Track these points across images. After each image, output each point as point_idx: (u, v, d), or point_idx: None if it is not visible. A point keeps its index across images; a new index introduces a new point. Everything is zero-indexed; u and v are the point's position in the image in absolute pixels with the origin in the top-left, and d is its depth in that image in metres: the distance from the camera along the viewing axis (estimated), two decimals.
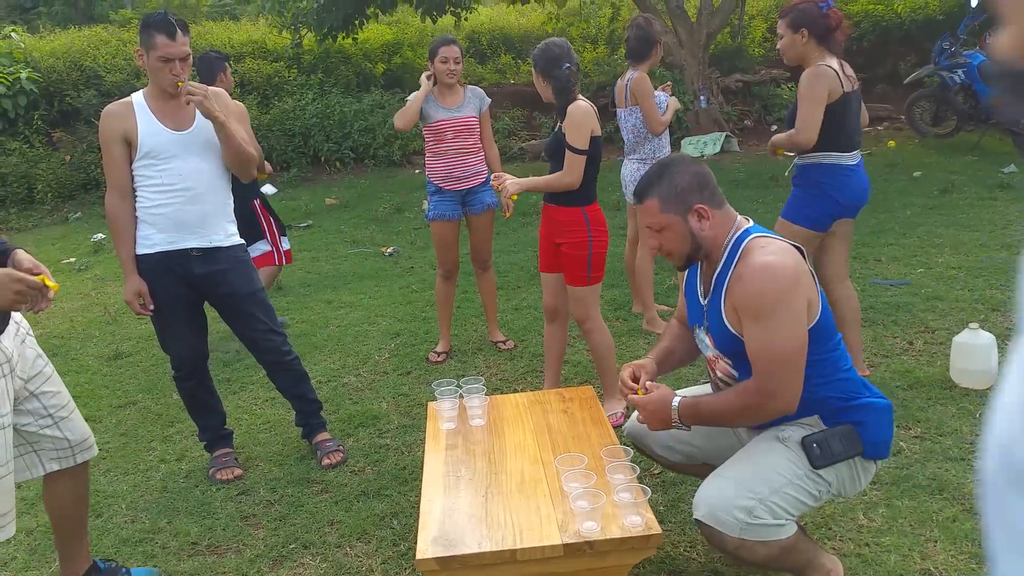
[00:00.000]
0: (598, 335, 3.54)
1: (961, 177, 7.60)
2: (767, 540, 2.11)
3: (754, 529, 2.09)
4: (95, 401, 4.28)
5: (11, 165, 10.01)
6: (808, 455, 2.15)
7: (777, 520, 2.11)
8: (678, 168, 2.23)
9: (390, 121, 10.88)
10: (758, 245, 2.14)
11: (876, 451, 2.23)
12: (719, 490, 2.14)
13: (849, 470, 2.20)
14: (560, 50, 3.37)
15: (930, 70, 9.21)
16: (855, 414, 2.20)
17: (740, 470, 2.18)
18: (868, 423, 2.20)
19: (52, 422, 2.41)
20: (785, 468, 2.15)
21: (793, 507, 2.15)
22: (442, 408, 2.77)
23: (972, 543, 2.54)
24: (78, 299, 6.28)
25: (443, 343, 4.55)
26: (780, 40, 3.55)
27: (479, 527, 2.12)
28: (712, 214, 2.19)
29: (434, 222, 4.36)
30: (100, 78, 11.08)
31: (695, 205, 2.18)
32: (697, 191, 2.19)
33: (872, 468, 2.28)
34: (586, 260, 3.41)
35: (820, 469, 2.15)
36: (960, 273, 5.04)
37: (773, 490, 2.12)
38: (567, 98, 3.37)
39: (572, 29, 13.56)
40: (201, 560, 2.84)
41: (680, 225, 2.20)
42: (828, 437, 2.16)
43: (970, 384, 3.57)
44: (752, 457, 2.21)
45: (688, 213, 2.19)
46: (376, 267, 6.52)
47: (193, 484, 3.36)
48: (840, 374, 2.22)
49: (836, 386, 2.21)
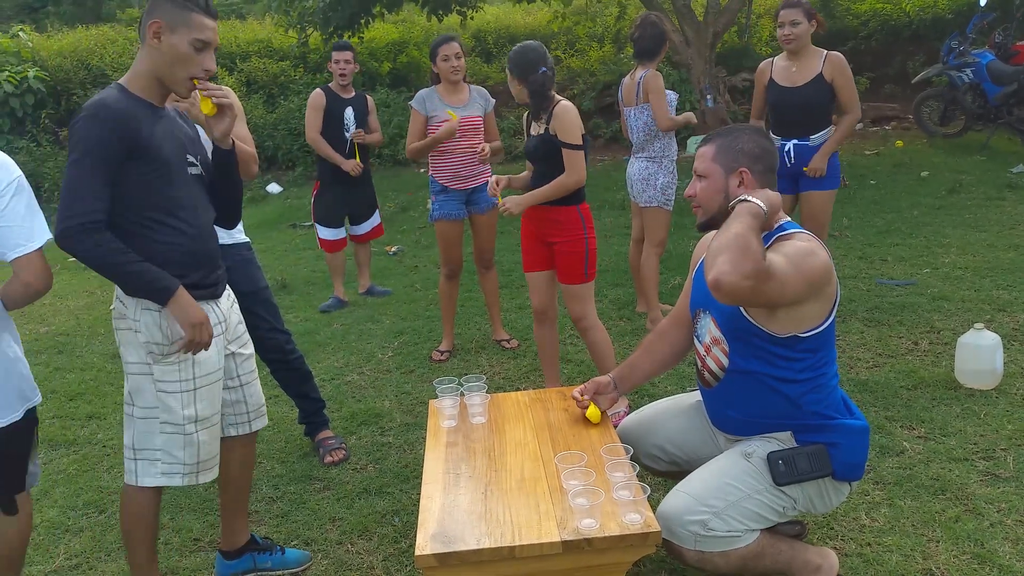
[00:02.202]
0: (596, 332, 3.53)
1: (969, 177, 7.57)
2: (724, 551, 2.13)
3: (708, 541, 2.12)
4: (100, 398, 4.30)
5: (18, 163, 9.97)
6: (772, 471, 2.17)
7: (732, 532, 2.12)
8: (750, 134, 2.27)
9: (395, 120, 10.92)
10: (804, 234, 2.17)
11: (849, 472, 2.23)
12: (675, 504, 2.17)
13: (817, 488, 2.21)
14: (535, 54, 3.37)
15: (938, 69, 9.17)
16: (830, 434, 2.21)
17: (698, 485, 2.20)
18: (842, 444, 2.20)
19: (239, 384, 2.56)
20: (744, 482, 2.16)
21: (752, 519, 2.16)
22: (443, 406, 2.77)
23: (974, 544, 2.54)
24: (84, 297, 6.31)
25: (446, 341, 4.55)
26: (795, 27, 4.03)
27: (478, 524, 2.12)
28: (752, 185, 2.21)
29: (438, 221, 4.36)
30: (107, 77, 11.14)
31: (741, 168, 2.22)
32: (750, 159, 2.22)
33: (845, 489, 2.28)
34: (583, 258, 3.41)
35: (783, 486, 2.16)
36: (967, 273, 5.02)
37: (729, 503, 2.14)
38: (544, 101, 3.37)
39: (578, 28, 13.54)
40: (204, 556, 2.85)
41: (720, 180, 2.24)
42: (795, 455, 2.17)
43: (975, 385, 3.55)
44: (712, 471, 2.23)
45: (731, 173, 2.23)
46: (380, 266, 6.53)
47: None
48: (827, 389, 2.23)
49: (820, 399, 2.21)
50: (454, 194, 4.33)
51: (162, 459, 2.29)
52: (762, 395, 2.23)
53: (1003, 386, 3.55)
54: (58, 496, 3.32)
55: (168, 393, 2.25)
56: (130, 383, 2.30)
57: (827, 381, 2.23)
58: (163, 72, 2.19)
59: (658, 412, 2.64)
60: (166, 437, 2.28)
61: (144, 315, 2.21)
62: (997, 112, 8.76)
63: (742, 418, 2.30)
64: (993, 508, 2.71)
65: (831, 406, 2.24)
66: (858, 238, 6.03)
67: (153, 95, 2.22)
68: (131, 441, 2.32)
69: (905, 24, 11.49)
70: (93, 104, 2.12)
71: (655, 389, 3.83)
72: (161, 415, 2.27)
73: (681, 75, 10.63)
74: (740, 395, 2.27)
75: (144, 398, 2.28)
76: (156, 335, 2.22)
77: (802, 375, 2.18)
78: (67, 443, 3.79)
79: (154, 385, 2.25)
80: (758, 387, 2.22)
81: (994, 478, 2.89)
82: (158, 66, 2.18)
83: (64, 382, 4.56)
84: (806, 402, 2.20)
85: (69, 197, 2.06)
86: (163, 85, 2.22)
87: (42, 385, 4.47)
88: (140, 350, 2.24)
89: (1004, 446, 3.09)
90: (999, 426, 3.24)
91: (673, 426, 2.55)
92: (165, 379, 2.25)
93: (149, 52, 2.18)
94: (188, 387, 2.28)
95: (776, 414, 2.23)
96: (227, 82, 11.14)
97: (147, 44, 2.17)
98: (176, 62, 2.16)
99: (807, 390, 2.20)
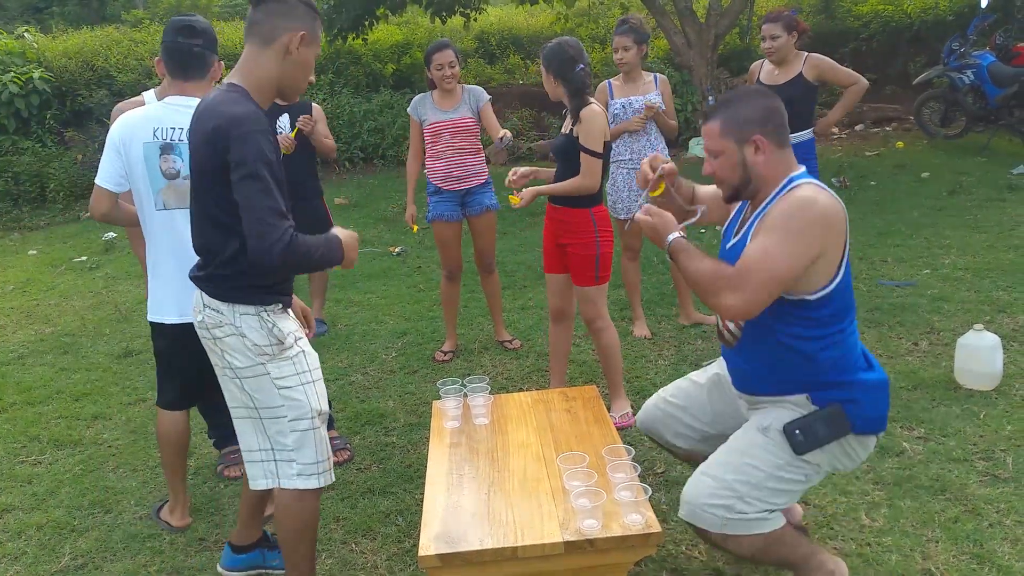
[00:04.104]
0: (607, 334, 3.55)
1: (969, 178, 7.57)
2: (750, 534, 2.15)
3: (735, 524, 2.14)
4: (105, 398, 4.33)
5: (24, 164, 10.09)
6: (791, 442, 2.16)
7: (759, 514, 2.14)
8: (751, 99, 2.21)
9: (399, 121, 10.94)
10: (809, 185, 2.13)
11: (871, 426, 2.21)
12: (698, 488, 2.18)
13: (841, 448, 2.20)
14: (574, 51, 3.34)
15: (939, 71, 9.17)
16: (849, 391, 2.18)
17: (719, 467, 2.20)
18: (861, 400, 2.18)
19: None
20: (764, 460, 2.17)
21: (777, 497, 2.17)
22: (446, 407, 2.79)
23: (973, 544, 2.56)
24: (89, 297, 6.34)
25: (449, 342, 4.58)
26: (775, 40, 4.33)
27: (481, 524, 2.14)
28: (769, 149, 2.16)
29: (434, 222, 4.39)
30: (112, 78, 11.16)
31: (753, 136, 2.16)
32: (759, 123, 2.16)
33: (870, 441, 2.26)
34: (594, 261, 3.43)
35: (804, 455, 2.16)
36: (966, 274, 5.03)
37: (752, 486, 2.15)
38: (582, 100, 3.36)
39: (581, 29, 13.56)
40: (209, 556, 2.87)
41: (735, 154, 2.18)
42: (812, 422, 2.16)
43: (974, 385, 3.57)
44: (732, 451, 2.23)
45: (745, 144, 2.17)
46: (384, 266, 6.55)
47: (201, 481, 3.40)
48: (845, 346, 2.19)
49: (838, 355, 2.18)
50: (448, 195, 4.35)
51: (297, 459, 2.27)
52: (779, 353, 2.20)
53: (1002, 387, 3.57)
54: (64, 496, 3.34)
55: (290, 388, 2.22)
56: (249, 386, 2.24)
57: (845, 338, 2.19)
58: (288, 81, 2.18)
59: (680, 390, 2.62)
60: (298, 435, 2.25)
61: (244, 319, 2.18)
62: (998, 113, 8.77)
63: (760, 376, 2.28)
64: (992, 509, 2.73)
65: (850, 362, 2.21)
66: (858, 239, 6.03)
67: (265, 102, 2.19)
68: (268, 443, 2.30)
69: (906, 25, 11.48)
70: (249, 117, 2.05)
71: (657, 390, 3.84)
72: (288, 413, 2.23)
73: (683, 77, 10.65)
74: (758, 353, 2.26)
75: (268, 397, 2.23)
76: (262, 338, 2.19)
77: (818, 331, 2.15)
78: (72, 443, 3.82)
79: (274, 385, 2.22)
80: (774, 345, 2.20)
81: (993, 479, 2.91)
82: (286, 74, 2.16)
83: (70, 382, 4.59)
84: (823, 359, 2.17)
85: (265, 214, 2.00)
86: (278, 92, 2.21)
87: (47, 386, 4.53)
88: (250, 352, 2.20)
89: (1003, 447, 3.11)
90: (998, 427, 3.26)
91: (697, 400, 2.54)
92: (284, 375, 2.21)
93: (278, 59, 2.13)
94: (307, 379, 2.25)
95: (793, 371, 2.21)
96: None
97: (278, 51, 2.12)
98: (303, 74, 2.19)
99: (823, 347, 2.16)
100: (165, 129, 2.72)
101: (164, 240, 2.79)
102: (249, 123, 2.03)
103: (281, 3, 2.12)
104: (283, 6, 2.12)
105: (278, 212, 2.02)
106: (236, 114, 2.03)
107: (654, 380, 3.98)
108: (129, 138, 2.73)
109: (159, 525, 3.07)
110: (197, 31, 2.75)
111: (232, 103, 2.07)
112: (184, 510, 3.07)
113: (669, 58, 11.03)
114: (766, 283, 2.05)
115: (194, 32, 2.74)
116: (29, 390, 4.51)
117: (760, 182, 2.19)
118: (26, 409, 4.27)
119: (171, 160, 2.72)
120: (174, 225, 2.76)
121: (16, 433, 3.98)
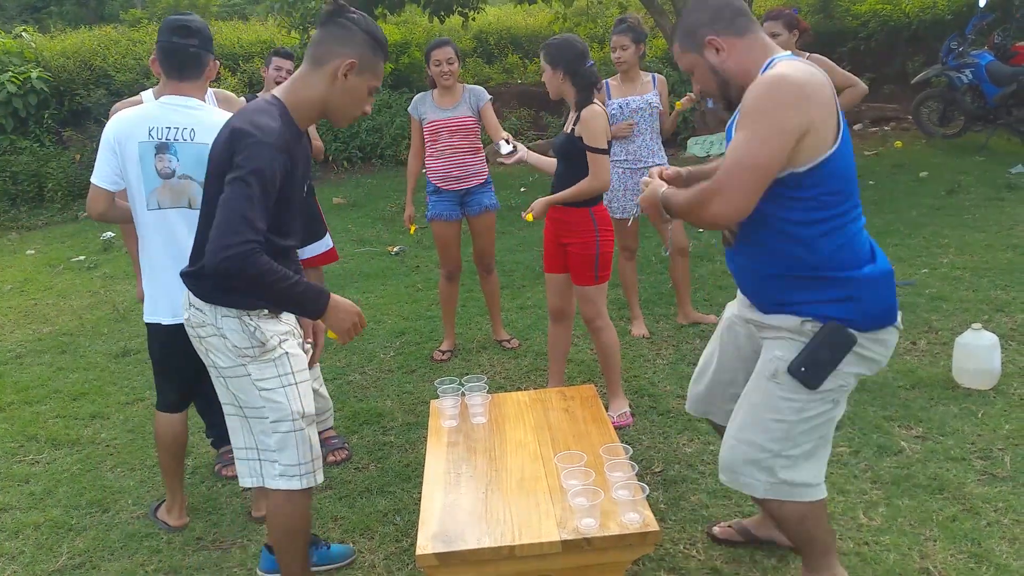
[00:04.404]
0: (607, 334, 3.55)
1: (968, 177, 7.58)
2: (796, 500, 2.15)
3: (779, 488, 2.13)
4: (103, 398, 4.32)
5: (22, 164, 10.09)
6: (800, 381, 2.08)
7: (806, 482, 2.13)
8: (695, 5, 2.15)
9: (397, 121, 10.94)
10: (783, 62, 2.02)
11: (877, 322, 2.09)
12: (734, 454, 2.17)
13: (855, 357, 2.08)
14: (582, 45, 3.34)
15: (938, 70, 9.17)
16: (847, 287, 2.06)
17: (748, 429, 2.15)
18: (863, 297, 2.06)
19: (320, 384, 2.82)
20: (786, 410, 2.10)
21: (815, 433, 2.13)
22: (444, 406, 2.79)
23: (971, 543, 2.56)
24: (87, 296, 6.34)
25: (448, 341, 4.57)
26: (777, 38, 4.07)
27: (479, 523, 2.14)
28: (729, 44, 2.08)
29: (433, 222, 4.39)
30: (110, 77, 11.15)
31: (707, 39, 2.08)
32: (708, 24, 2.09)
33: (884, 335, 2.11)
34: (593, 260, 3.43)
35: (820, 385, 2.08)
36: (965, 273, 5.03)
37: (785, 439, 2.11)
38: (589, 97, 3.33)
39: (579, 29, 13.56)
40: (206, 555, 2.87)
41: (701, 63, 2.12)
42: (813, 351, 2.07)
43: (972, 384, 3.57)
44: (753, 409, 2.16)
45: (704, 49, 2.10)
46: (382, 266, 6.55)
47: (199, 480, 3.40)
48: (846, 234, 2.07)
49: (839, 244, 2.06)
50: (448, 195, 4.35)
51: (279, 460, 2.27)
52: (777, 244, 2.09)
53: (1001, 386, 3.57)
54: (61, 495, 3.34)
55: (271, 390, 2.23)
56: (232, 386, 2.27)
57: (846, 225, 2.06)
58: (334, 106, 2.18)
59: (703, 360, 2.52)
60: (280, 436, 2.25)
61: (225, 321, 2.19)
62: (996, 113, 8.77)
63: (763, 276, 2.17)
64: (990, 507, 2.73)
65: (853, 255, 2.07)
66: None
67: (306, 121, 2.21)
68: (253, 442, 2.31)
69: (904, 25, 11.48)
70: (266, 129, 2.05)
71: (655, 389, 3.86)
72: (270, 415, 2.24)
73: (682, 76, 10.65)
74: (757, 247, 2.14)
75: (250, 398, 2.25)
76: (243, 340, 2.19)
77: (815, 213, 2.03)
78: (70, 442, 3.82)
79: (255, 386, 2.23)
80: (770, 233, 2.09)
81: (991, 477, 2.91)
82: (332, 99, 2.17)
83: (67, 382, 4.58)
84: (823, 247, 2.05)
85: (235, 218, 1.96)
86: (323, 114, 2.21)
87: (45, 385, 4.53)
88: (231, 353, 2.21)
89: (1001, 446, 3.11)
90: (996, 426, 3.26)
91: (729, 370, 2.43)
92: (264, 376, 2.22)
93: (327, 83, 2.14)
94: (289, 381, 2.25)
95: (793, 265, 2.09)
96: (230, 82, 11.16)
97: (327, 74, 2.13)
98: (353, 102, 2.19)
99: (822, 232, 2.04)
100: (160, 128, 2.70)
101: (157, 239, 2.78)
102: (265, 134, 2.02)
103: (342, 28, 2.13)
104: (342, 31, 2.13)
105: (248, 221, 1.96)
106: (257, 123, 2.05)
107: (652, 379, 3.98)
108: (124, 137, 2.71)
109: (156, 524, 3.07)
110: (192, 31, 2.72)
111: (261, 113, 2.09)
112: (181, 509, 3.06)
113: (667, 57, 11.03)
114: (749, 177, 1.95)
115: (189, 32, 2.71)
116: (27, 389, 4.51)
117: (739, 78, 2.09)
118: (24, 408, 4.27)
119: (166, 159, 2.71)
120: (167, 224, 2.75)
121: (14, 432, 3.98)
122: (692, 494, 2.97)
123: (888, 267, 2.11)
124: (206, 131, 2.68)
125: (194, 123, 2.70)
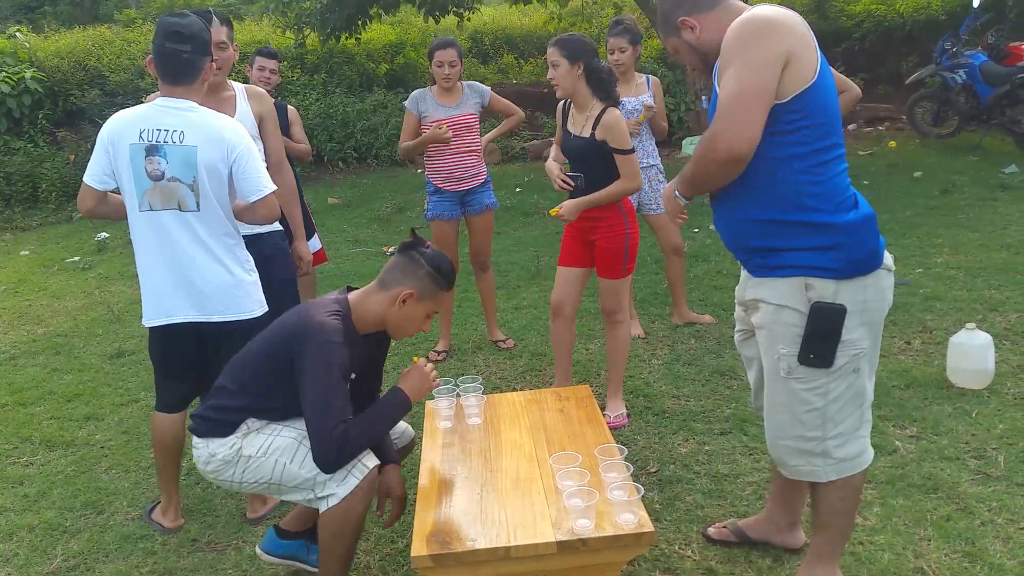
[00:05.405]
0: (623, 328, 3.58)
1: (962, 177, 7.60)
2: (855, 472, 2.20)
3: (842, 466, 2.18)
4: (97, 399, 4.31)
5: (16, 164, 10.05)
6: (814, 367, 2.10)
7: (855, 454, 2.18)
8: None
9: (392, 121, 10.93)
10: (752, 8, 2.06)
11: (861, 268, 2.09)
12: (783, 457, 2.23)
13: (857, 319, 2.10)
14: (591, 40, 3.36)
15: (932, 70, 9.20)
16: (829, 234, 2.06)
17: (787, 428, 2.19)
18: (846, 244, 2.06)
19: None
20: (814, 398, 2.14)
21: (850, 411, 2.16)
22: (439, 407, 2.79)
23: (965, 542, 2.57)
24: (81, 297, 6.32)
25: (443, 342, 4.57)
26: None
27: (474, 524, 2.14)
28: (700, 20, 2.16)
29: (433, 222, 4.39)
30: (104, 78, 11.12)
31: (679, 21, 2.18)
32: (677, 6, 2.19)
33: (875, 279, 2.13)
34: (623, 253, 3.44)
35: (834, 362, 2.10)
36: (959, 273, 5.05)
37: (824, 423, 2.15)
38: (609, 91, 3.33)
39: (574, 29, 13.56)
40: (201, 557, 2.87)
41: (683, 44, 2.22)
42: (812, 334, 2.08)
43: (967, 384, 3.58)
44: (784, 410, 2.19)
45: (681, 31, 2.19)
46: (378, 266, 6.47)
47: (194, 482, 3.39)
48: (826, 174, 2.06)
49: (818, 182, 2.05)
50: (448, 195, 4.35)
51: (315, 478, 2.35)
52: (759, 182, 2.07)
53: (994, 386, 3.58)
54: (56, 497, 3.33)
55: (264, 456, 2.38)
56: (247, 477, 2.44)
57: (827, 162, 2.05)
58: (393, 324, 2.48)
59: (762, 388, 2.44)
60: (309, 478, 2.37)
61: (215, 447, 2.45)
62: (990, 113, 8.80)
63: (744, 220, 2.16)
64: (984, 507, 2.74)
65: (834, 199, 2.06)
66: None
67: (363, 328, 2.47)
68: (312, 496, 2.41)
69: (899, 25, 11.51)
70: (338, 330, 2.32)
71: (650, 389, 3.86)
72: (280, 458, 2.37)
73: (676, 76, 10.67)
74: (739, 188, 2.12)
75: (262, 474, 2.41)
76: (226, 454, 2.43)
77: (794, 148, 2.02)
78: (65, 444, 3.81)
79: (247, 460, 2.40)
80: (753, 174, 2.06)
81: (985, 477, 2.92)
82: (391, 319, 2.46)
83: (62, 383, 4.57)
84: (800, 184, 2.04)
85: (324, 407, 2.25)
86: (381, 327, 2.49)
87: (39, 387, 4.51)
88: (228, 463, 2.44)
89: (995, 445, 3.12)
90: (990, 425, 3.27)
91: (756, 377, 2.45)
92: (255, 447, 2.41)
93: (387, 304, 2.44)
94: (279, 455, 2.40)
95: (774, 205, 2.08)
96: None
97: (390, 297, 2.43)
98: (409, 323, 2.48)
99: (800, 169, 2.03)
100: (151, 131, 2.68)
101: (150, 241, 2.76)
102: (330, 332, 2.29)
103: (411, 262, 2.46)
104: (410, 265, 2.46)
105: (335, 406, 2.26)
106: (321, 322, 2.30)
107: (647, 380, 3.98)
108: (118, 137, 2.70)
109: (151, 526, 3.07)
110: (185, 37, 2.66)
111: (324, 311, 2.34)
112: (176, 511, 3.06)
113: (662, 57, 11.04)
114: (750, 102, 1.95)
115: (182, 38, 2.65)
116: (21, 391, 4.49)
117: (716, 46, 2.11)
118: (18, 410, 4.26)
119: (156, 162, 2.69)
120: (160, 226, 2.72)
121: (8, 434, 3.96)
122: (687, 495, 2.98)
123: (870, 211, 2.13)
124: (196, 133, 2.67)
125: (184, 125, 2.68)
